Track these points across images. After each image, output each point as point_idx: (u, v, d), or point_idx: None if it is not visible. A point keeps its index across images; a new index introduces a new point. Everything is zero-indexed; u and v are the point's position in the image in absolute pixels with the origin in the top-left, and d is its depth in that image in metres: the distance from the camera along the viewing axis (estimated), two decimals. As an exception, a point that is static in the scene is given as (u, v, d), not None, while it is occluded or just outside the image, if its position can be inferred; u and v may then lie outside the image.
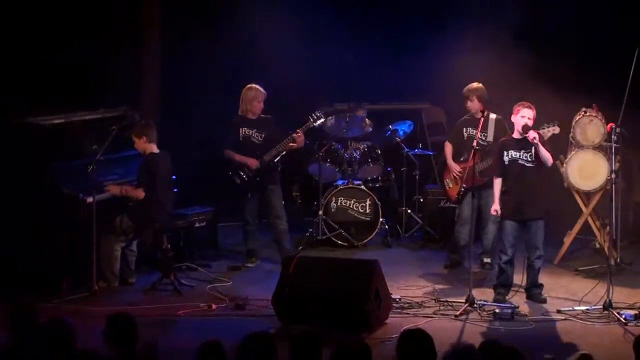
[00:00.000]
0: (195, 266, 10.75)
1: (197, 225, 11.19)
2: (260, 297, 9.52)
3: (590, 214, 10.90)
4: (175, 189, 10.59)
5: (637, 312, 8.85)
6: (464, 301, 9.15)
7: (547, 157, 9.31)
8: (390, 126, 12.35)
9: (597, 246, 11.09)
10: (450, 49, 12.24)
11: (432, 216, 12.07)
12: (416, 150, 12.49)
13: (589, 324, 8.84)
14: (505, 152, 9.46)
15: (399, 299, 9.40)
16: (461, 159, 10.66)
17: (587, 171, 10.74)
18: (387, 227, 12.00)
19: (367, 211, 11.87)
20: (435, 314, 9.10)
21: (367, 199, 11.88)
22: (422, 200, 12.32)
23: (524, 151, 9.37)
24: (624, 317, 8.81)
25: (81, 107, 10.88)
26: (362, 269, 8.96)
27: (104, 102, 11.11)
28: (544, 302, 9.45)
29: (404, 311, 9.20)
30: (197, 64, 12.73)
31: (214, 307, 9.41)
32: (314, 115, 10.99)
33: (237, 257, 11.31)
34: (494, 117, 10.39)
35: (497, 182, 9.57)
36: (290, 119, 11.38)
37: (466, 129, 10.59)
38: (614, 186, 9.73)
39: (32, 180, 10.04)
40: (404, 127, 12.42)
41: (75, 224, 10.06)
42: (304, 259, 9.30)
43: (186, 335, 8.46)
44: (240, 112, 10.98)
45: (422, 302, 9.44)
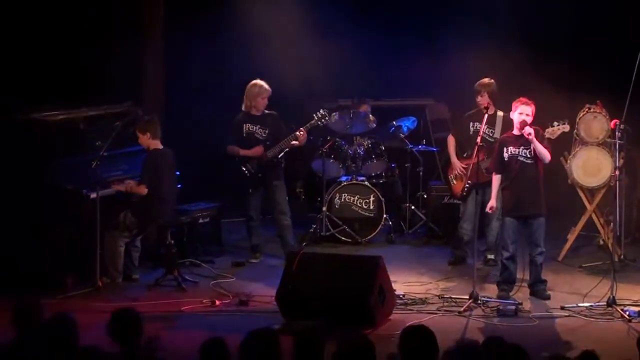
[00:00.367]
0: (198, 262, 10.74)
1: (200, 221, 11.21)
2: (263, 293, 9.53)
3: (594, 210, 10.88)
4: (179, 185, 10.59)
5: (641, 309, 8.86)
6: (468, 297, 9.15)
7: (544, 153, 9.28)
8: (394, 122, 12.33)
9: (601, 243, 11.07)
10: (454, 45, 12.23)
11: (436, 212, 12.05)
12: (420, 146, 12.46)
13: (593, 320, 8.84)
14: (505, 149, 9.45)
15: (403, 295, 9.40)
16: (464, 155, 10.63)
17: (591, 168, 10.73)
18: (390, 223, 11.99)
19: (371, 207, 11.85)
20: (438, 310, 9.09)
21: (371, 195, 11.87)
22: (426, 196, 12.31)
23: (523, 147, 9.35)
24: (627, 313, 8.81)
25: (85, 104, 10.88)
26: (366, 265, 8.95)
27: (107, 100, 11.10)
28: (547, 298, 9.44)
29: (408, 307, 9.20)
30: (200, 61, 12.71)
31: (217, 303, 9.41)
32: (318, 113, 10.96)
33: (240, 253, 11.30)
34: (501, 114, 10.34)
35: (495, 179, 9.56)
36: (293, 116, 11.37)
37: (473, 123, 10.51)
38: (617, 183, 9.72)
39: (35, 176, 10.01)
40: (408, 123, 12.40)
41: (78, 220, 10.06)
42: (307, 255, 9.31)
43: (190, 331, 8.46)
44: (244, 108, 10.97)
45: (426, 298, 9.43)
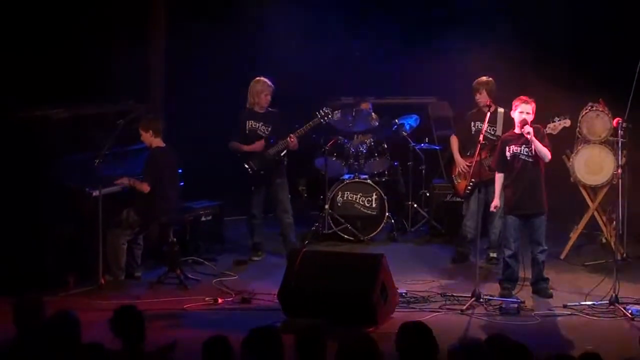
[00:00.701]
0: (201, 260, 10.76)
1: (203, 219, 11.22)
2: (266, 291, 9.53)
3: (596, 208, 10.88)
4: (181, 183, 10.59)
5: (643, 307, 8.86)
6: (470, 296, 9.15)
7: (544, 152, 9.27)
8: (396, 120, 12.32)
9: (604, 241, 11.06)
10: (456, 43, 12.22)
11: (439, 211, 12.04)
12: (422, 144, 12.45)
13: (595, 319, 8.83)
14: (507, 148, 9.44)
15: (405, 294, 9.40)
16: (467, 153, 10.64)
17: (593, 166, 10.72)
18: (393, 221, 11.98)
19: (373, 205, 11.85)
20: (441, 309, 9.09)
21: (374, 193, 11.86)
22: (428, 194, 12.30)
23: (524, 146, 9.33)
24: (630, 312, 8.80)
25: (87, 102, 10.88)
26: (368, 263, 8.95)
27: (110, 99, 11.10)
28: (550, 296, 9.44)
29: (410, 305, 9.19)
30: (203, 59, 12.70)
31: (220, 300, 9.42)
32: (321, 111, 10.95)
33: (243, 251, 11.29)
34: (502, 110, 10.34)
35: (498, 177, 9.56)
36: (295, 114, 11.35)
37: (474, 122, 10.54)
38: (620, 181, 9.71)
39: (37, 174, 10.00)
40: (411, 121, 12.39)
41: (81, 218, 10.06)
42: (310, 253, 9.30)
43: (192, 329, 8.47)
44: (247, 105, 10.97)
45: (428, 296, 9.43)
